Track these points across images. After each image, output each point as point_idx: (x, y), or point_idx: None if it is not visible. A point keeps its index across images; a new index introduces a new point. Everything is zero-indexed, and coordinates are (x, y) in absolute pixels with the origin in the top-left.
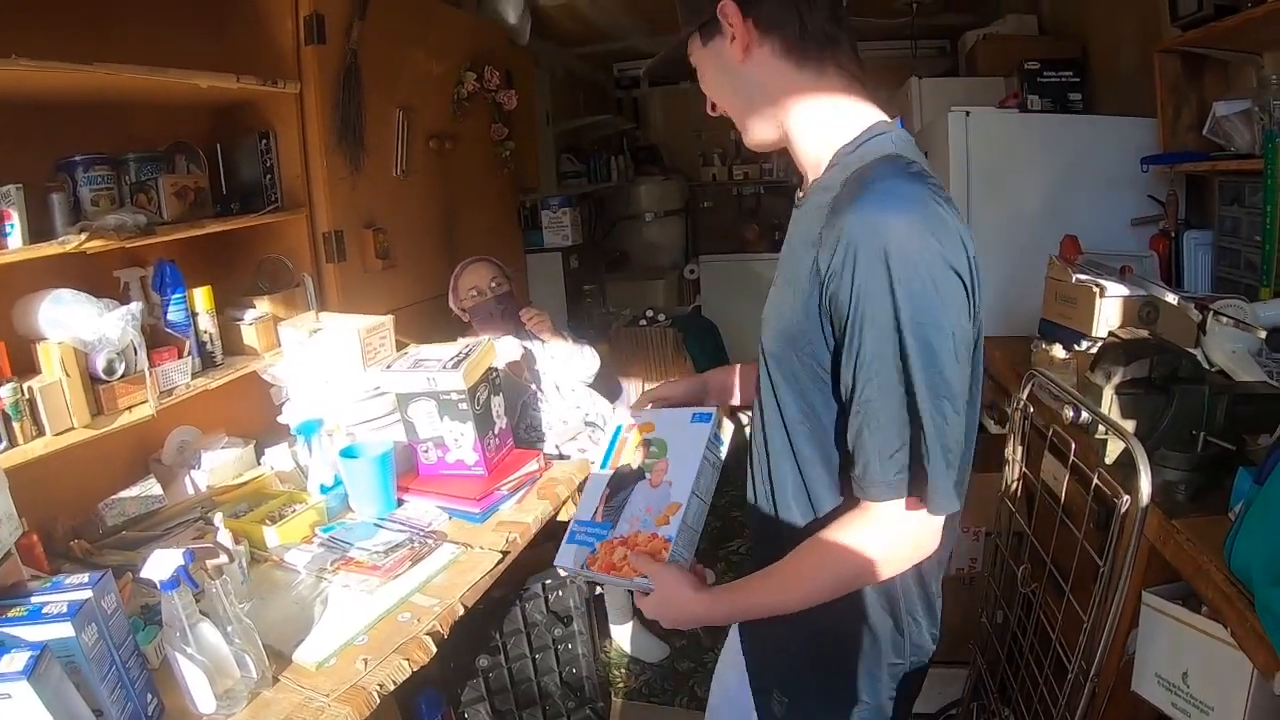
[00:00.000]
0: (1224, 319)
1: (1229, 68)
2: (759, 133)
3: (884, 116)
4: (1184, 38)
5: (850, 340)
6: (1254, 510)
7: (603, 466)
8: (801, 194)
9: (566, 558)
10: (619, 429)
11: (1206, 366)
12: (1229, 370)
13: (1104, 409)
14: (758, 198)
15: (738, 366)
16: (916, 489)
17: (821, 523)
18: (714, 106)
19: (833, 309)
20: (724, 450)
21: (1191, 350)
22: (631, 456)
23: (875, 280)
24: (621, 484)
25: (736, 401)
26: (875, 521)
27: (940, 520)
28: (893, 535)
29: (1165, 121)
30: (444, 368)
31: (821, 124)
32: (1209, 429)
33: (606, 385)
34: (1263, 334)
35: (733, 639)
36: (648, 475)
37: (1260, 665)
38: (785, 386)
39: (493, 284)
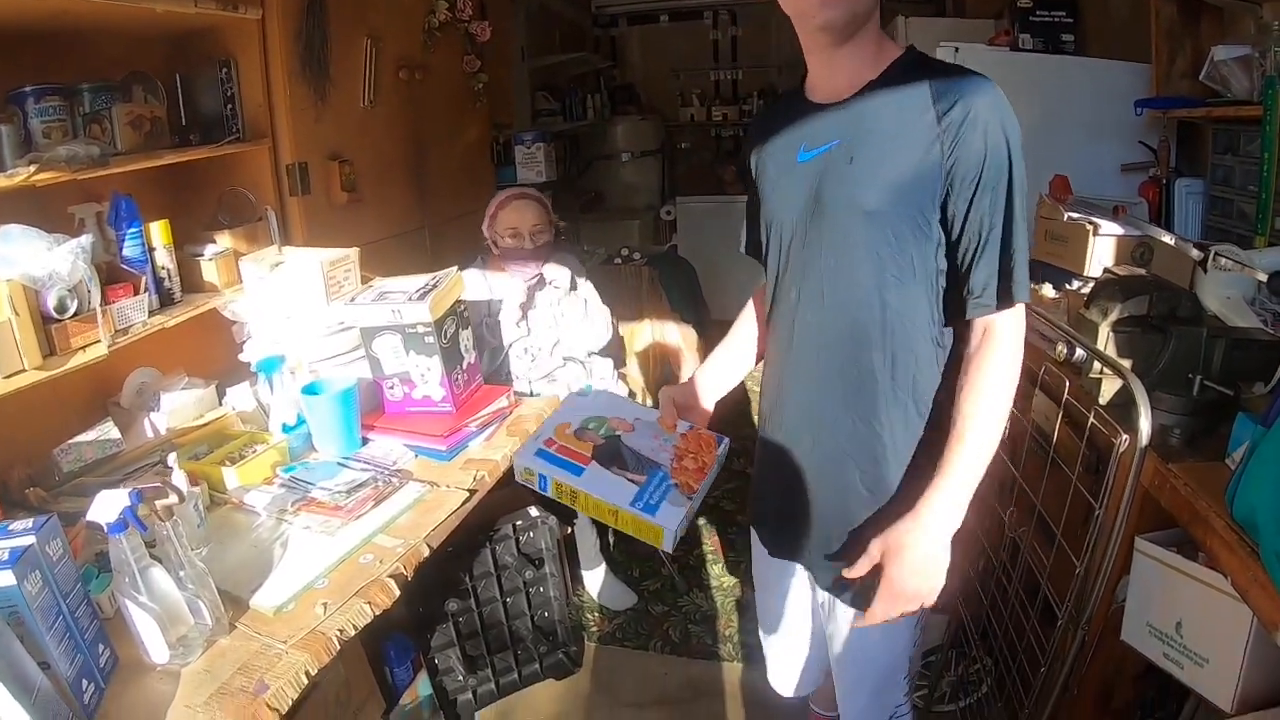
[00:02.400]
0: (1223, 260)
1: (1225, 14)
2: (858, 8)
3: None
4: None
5: (978, 182)
6: (1260, 455)
7: (578, 474)
8: (838, 97)
9: (674, 517)
10: (543, 452)
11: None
12: (1222, 316)
13: (1100, 346)
14: (736, 139)
15: (694, 375)
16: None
17: (919, 375)
18: None
19: (958, 158)
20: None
21: None
22: (582, 446)
23: (999, 139)
24: (612, 456)
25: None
26: (1012, 326)
27: None
28: (1021, 330)
29: (1159, 66)
30: (409, 300)
31: (880, 38)
32: (1206, 372)
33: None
34: (1263, 277)
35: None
36: (617, 433)
37: (1264, 617)
38: (884, 243)
39: (534, 230)
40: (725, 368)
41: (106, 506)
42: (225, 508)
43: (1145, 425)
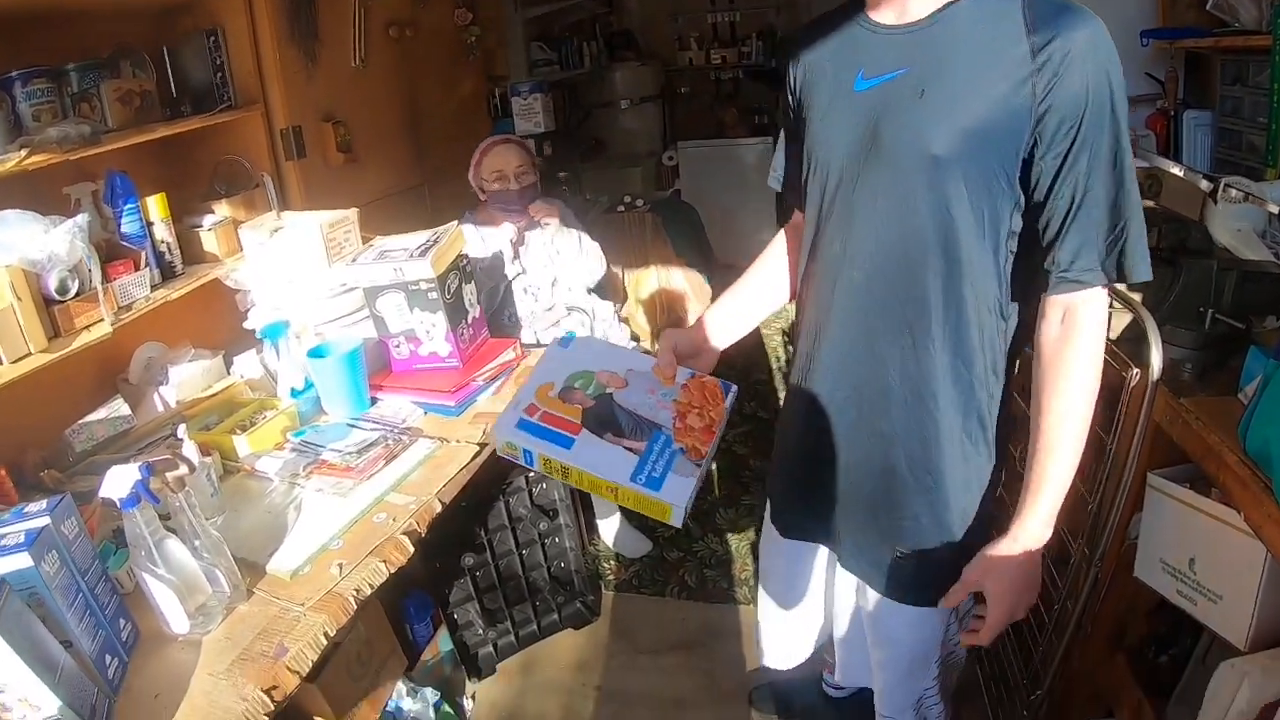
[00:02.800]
0: (1234, 192)
1: None
2: None
3: None
4: None
5: (1076, 135)
6: (1272, 389)
7: (568, 447)
8: (909, 18)
9: (683, 491)
10: (524, 422)
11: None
12: (1233, 249)
13: None
14: (736, 82)
15: (703, 316)
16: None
17: (988, 353)
18: None
19: (1053, 105)
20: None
21: None
22: (569, 411)
23: (1103, 84)
24: (604, 420)
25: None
26: (1096, 311)
27: None
28: (1105, 316)
29: None
30: (411, 257)
31: None
32: (1217, 306)
33: (606, 285)
34: (1274, 209)
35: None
36: (608, 390)
37: (1277, 552)
38: (955, 198)
39: (519, 171)
40: (738, 311)
41: (118, 482)
42: (238, 476)
43: (1156, 360)
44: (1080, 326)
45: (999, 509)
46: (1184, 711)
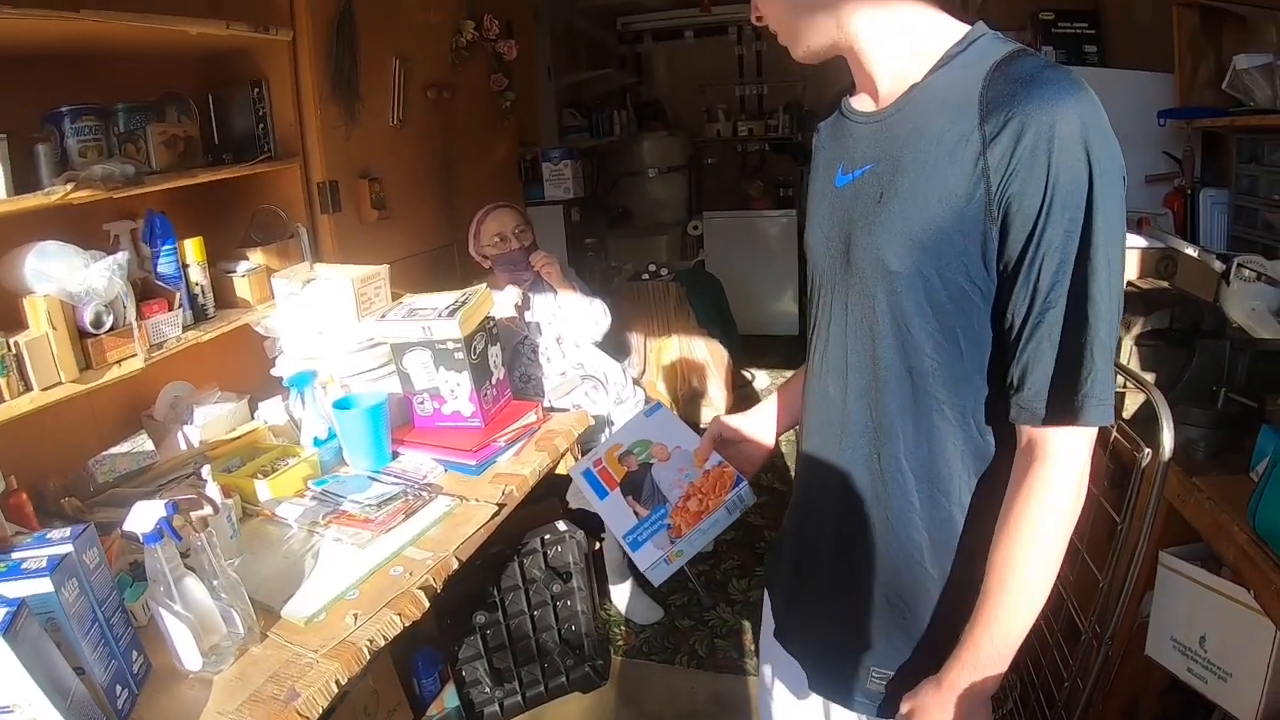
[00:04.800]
0: (1247, 272)
1: (1249, 23)
2: (814, 41)
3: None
4: None
5: (1033, 238)
6: None
7: (601, 499)
8: (880, 105)
9: (649, 558)
10: (587, 472)
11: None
12: (1246, 327)
13: (1123, 360)
14: (762, 154)
15: (755, 407)
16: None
17: (964, 479)
18: (759, 16)
19: (1009, 207)
20: None
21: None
22: (618, 470)
23: (1073, 173)
24: (635, 485)
25: None
26: (1071, 447)
27: None
28: (1085, 456)
29: (1182, 76)
30: (439, 316)
31: (906, 30)
32: (1230, 385)
33: (615, 342)
34: None
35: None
36: (652, 462)
37: None
38: (916, 314)
39: (517, 230)
40: (787, 404)
41: (143, 517)
42: (257, 519)
43: (1168, 440)
44: (1045, 459)
45: None
46: None
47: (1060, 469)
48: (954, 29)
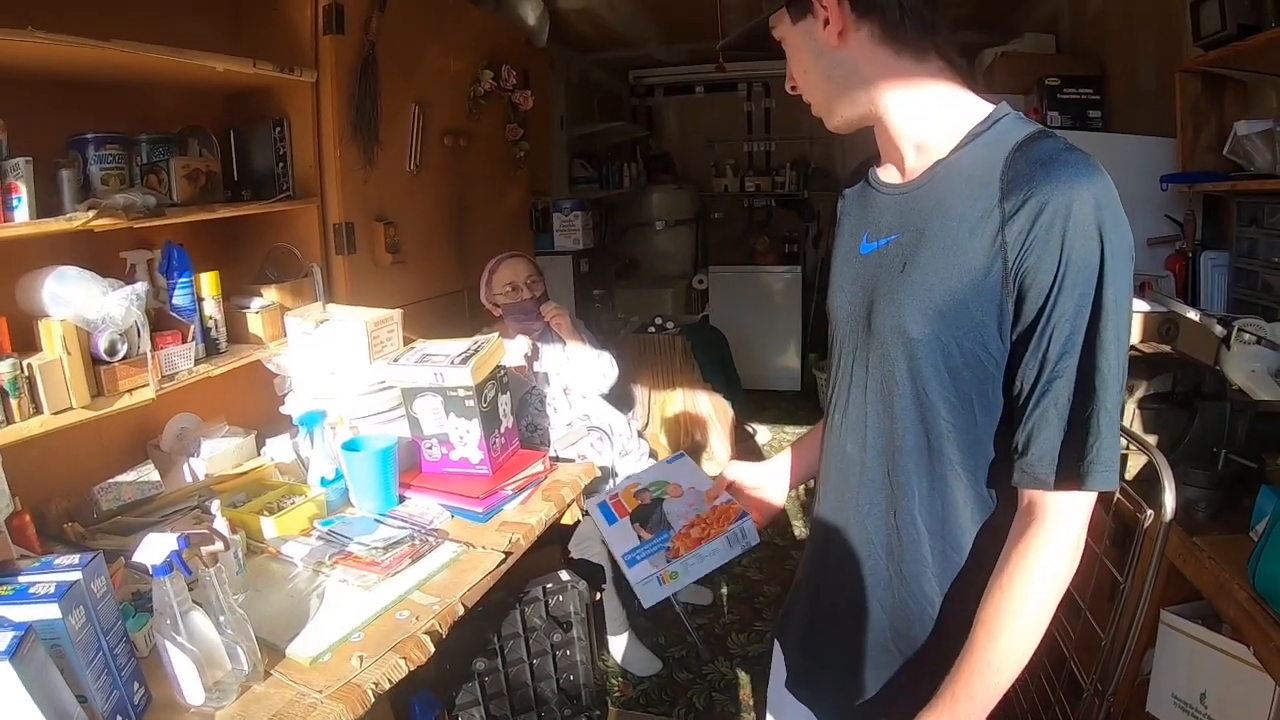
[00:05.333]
0: (1247, 335)
1: (1249, 88)
2: (846, 114)
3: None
4: (1206, 57)
5: (1046, 311)
6: None
7: (610, 524)
8: (906, 177)
9: (642, 574)
10: (603, 504)
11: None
12: (1247, 389)
13: (1126, 423)
14: (769, 210)
15: (774, 458)
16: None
17: (973, 534)
18: (794, 85)
19: (1024, 279)
20: None
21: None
22: (631, 503)
23: (1088, 250)
24: (644, 515)
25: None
26: (1070, 511)
27: None
28: (1083, 521)
29: (1184, 141)
30: (451, 363)
31: (935, 107)
32: (1230, 446)
33: (620, 394)
34: None
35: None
36: (665, 497)
37: None
38: (934, 379)
39: (529, 280)
40: (800, 458)
41: (153, 549)
42: (262, 556)
43: (1170, 501)
44: (1042, 522)
45: None
46: None
47: (1059, 531)
48: (979, 108)
